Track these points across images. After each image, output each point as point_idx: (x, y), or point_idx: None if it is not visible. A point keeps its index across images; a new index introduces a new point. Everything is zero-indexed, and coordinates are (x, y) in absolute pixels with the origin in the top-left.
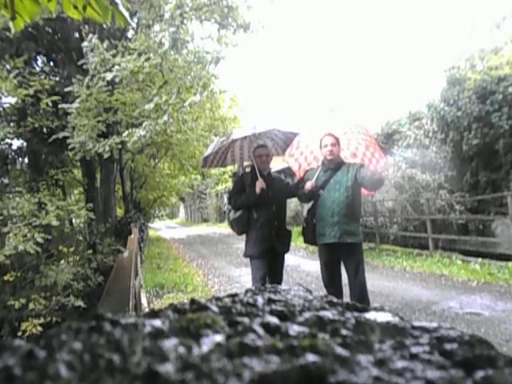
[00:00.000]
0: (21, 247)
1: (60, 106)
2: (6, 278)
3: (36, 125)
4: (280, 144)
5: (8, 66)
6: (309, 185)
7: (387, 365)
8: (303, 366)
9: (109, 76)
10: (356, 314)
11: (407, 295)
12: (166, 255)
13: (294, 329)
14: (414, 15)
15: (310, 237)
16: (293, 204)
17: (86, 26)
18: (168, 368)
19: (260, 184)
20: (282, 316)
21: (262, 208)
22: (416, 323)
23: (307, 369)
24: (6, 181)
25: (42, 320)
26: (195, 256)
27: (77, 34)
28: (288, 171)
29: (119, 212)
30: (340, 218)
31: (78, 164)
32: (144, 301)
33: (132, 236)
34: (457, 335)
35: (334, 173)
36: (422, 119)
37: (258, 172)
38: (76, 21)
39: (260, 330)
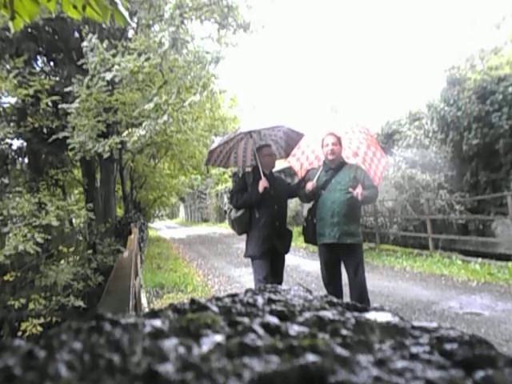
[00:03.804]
0: (21, 247)
1: (60, 106)
2: (5, 277)
3: (36, 125)
4: (284, 147)
5: (8, 66)
6: (310, 185)
7: (387, 365)
8: (303, 366)
9: (108, 76)
10: (356, 314)
11: (407, 295)
12: (166, 255)
13: (294, 329)
14: (414, 15)
15: (310, 236)
16: (293, 204)
17: (86, 26)
18: (168, 368)
19: (263, 183)
20: (282, 316)
21: (264, 207)
22: (416, 323)
23: (307, 369)
24: (6, 181)
25: (42, 320)
26: (195, 256)
27: (77, 34)
28: (288, 171)
29: (119, 212)
30: (340, 219)
31: (78, 164)
32: (144, 301)
33: (132, 236)
34: (457, 335)
35: (336, 173)
36: (422, 119)
37: (261, 171)
38: (76, 21)
39: (260, 330)
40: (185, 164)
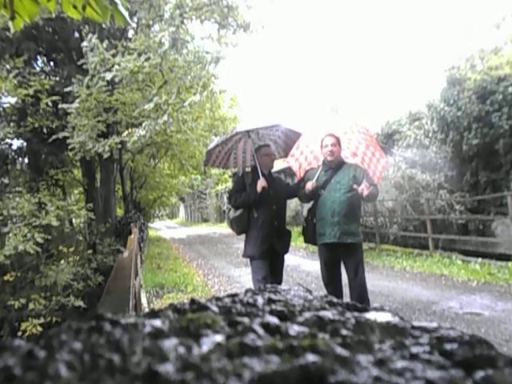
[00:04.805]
0: (21, 247)
1: (60, 106)
2: (5, 277)
3: (36, 125)
4: (282, 146)
5: (8, 66)
6: (310, 185)
7: (387, 365)
8: (303, 366)
9: (108, 76)
10: (356, 314)
11: (407, 295)
12: (166, 255)
13: (294, 329)
14: (414, 15)
15: (310, 236)
16: (293, 204)
17: (86, 26)
18: (168, 368)
19: (262, 183)
20: (282, 316)
21: (263, 207)
22: (416, 323)
23: (307, 369)
24: (6, 181)
25: (42, 320)
26: (195, 256)
27: (77, 34)
28: (288, 171)
29: (119, 212)
30: (340, 218)
31: (78, 164)
32: (144, 301)
33: (132, 236)
34: (457, 335)
35: (335, 173)
36: (422, 119)
37: (259, 171)
38: (76, 21)
39: (260, 330)
40: (185, 164)
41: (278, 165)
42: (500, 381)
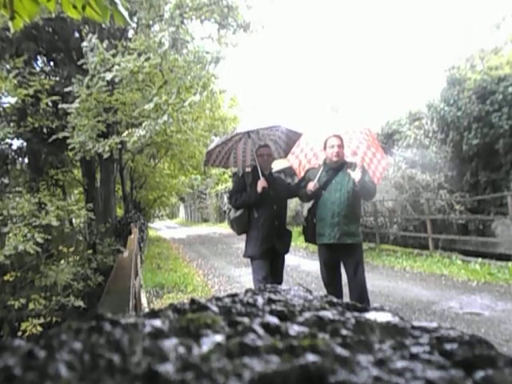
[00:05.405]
0: (21, 247)
1: (60, 106)
2: (5, 277)
3: (36, 125)
4: (283, 147)
5: (8, 66)
6: (311, 185)
7: (387, 365)
8: (303, 366)
9: (108, 76)
10: (356, 314)
11: (407, 295)
12: (166, 255)
13: (294, 329)
14: (414, 15)
15: (310, 236)
16: (293, 204)
17: (86, 26)
18: (168, 368)
19: (262, 183)
20: (282, 316)
21: (263, 207)
22: (416, 323)
23: (307, 369)
24: (6, 181)
25: (42, 320)
26: (195, 256)
27: (77, 34)
28: (288, 171)
29: (119, 212)
30: (340, 219)
31: (78, 164)
32: (144, 301)
33: (132, 236)
34: (457, 335)
35: (336, 173)
36: (422, 119)
37: (260, 171)
38: (76, 21)
39: (260, 330)
40: (185, 164)
41: (279, 165)
42: (500, 381)
